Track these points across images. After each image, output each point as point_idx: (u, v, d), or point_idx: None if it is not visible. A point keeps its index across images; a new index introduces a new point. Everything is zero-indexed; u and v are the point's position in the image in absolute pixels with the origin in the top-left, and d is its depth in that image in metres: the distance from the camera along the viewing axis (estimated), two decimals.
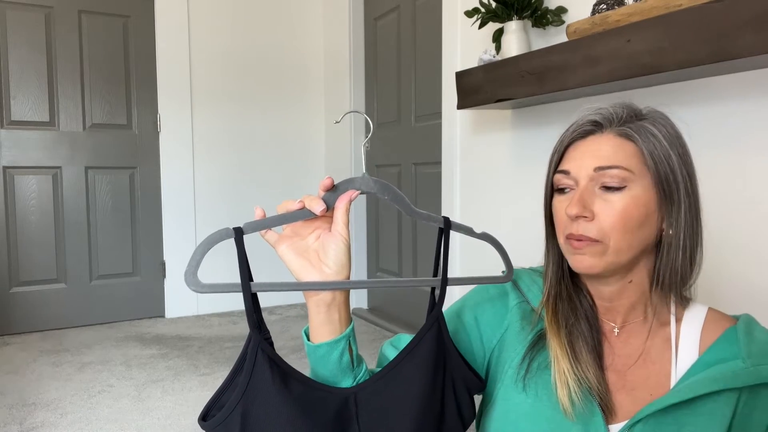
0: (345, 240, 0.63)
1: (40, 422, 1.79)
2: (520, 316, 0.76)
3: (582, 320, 0.72)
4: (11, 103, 2.72)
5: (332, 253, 0.63)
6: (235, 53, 3.16)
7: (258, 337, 0.59)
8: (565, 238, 0.70)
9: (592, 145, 0.69)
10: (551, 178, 0.72)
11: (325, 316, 0.65)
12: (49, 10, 2.77)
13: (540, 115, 1.84)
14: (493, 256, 0.77)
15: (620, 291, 0.72)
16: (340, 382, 0.66)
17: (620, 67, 1.30)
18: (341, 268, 0.63)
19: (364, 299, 3.18)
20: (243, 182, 3.21)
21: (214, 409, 0.61)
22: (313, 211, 0.62)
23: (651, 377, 0.70)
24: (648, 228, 0.68)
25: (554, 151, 0.73)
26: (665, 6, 1.22)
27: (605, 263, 0.67)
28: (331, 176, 0.64)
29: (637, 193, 0.66)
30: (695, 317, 0.71)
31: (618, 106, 0.71)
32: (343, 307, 0.66)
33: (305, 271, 0.63)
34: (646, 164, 0.67)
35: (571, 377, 0.67)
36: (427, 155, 2.56)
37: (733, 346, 0.66)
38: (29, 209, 2.79)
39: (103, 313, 2.95)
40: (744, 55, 1.07)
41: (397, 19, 2.79)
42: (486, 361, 0.77)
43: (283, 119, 3.31)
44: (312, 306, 0.65)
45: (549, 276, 0.75)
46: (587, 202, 0.67)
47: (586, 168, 0.68)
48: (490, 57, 1.75)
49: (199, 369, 2.26)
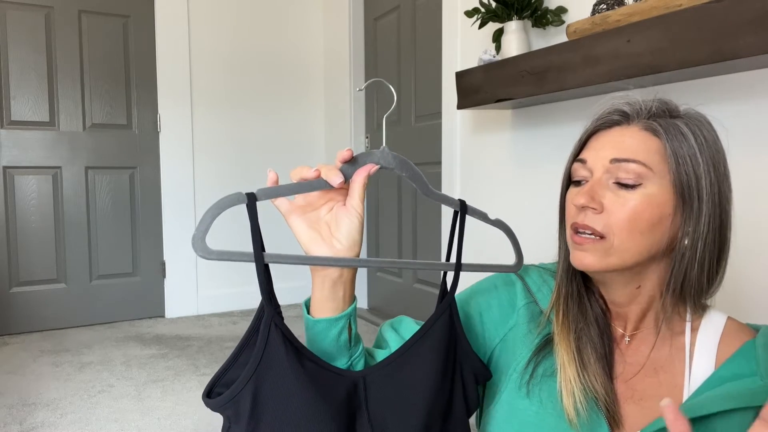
0: (359, 215, 0.60)
1: (40, 422, 1.79)
2: (527, 318, 0.73)
3: (592, 325, 0.68)
4: (11, 103, 2.72)
5: (345, 228, 0.60)
6: (235, 53, 3.16)
7: (271, 310, 0.56)
8: (570, 229, 0.66)
9: (616, 136, 0.65)
10: (569, 168, 0.69)
11: (329, 292, 0.61)
12: (49, 10, 2.77)
13: (540, 115, 1.84)
14: (498, 250, 0.76)
15: (629, 297, 0.68)
16: (335, 360, 0.63)
17: (620, 67, 1.30)
18: (353, 245, 0.60)
19: (364, 299, 3.18)
20: (243, 182, 3.21)
21: (219, 386, 0.57)
22: (330, 182, 0.59)
23: (662, 388, 0.66)
24: (659, 232, 0.63)
25: (579, 139, 0.69)
26: (665, 6, 1.22)
27: (606, 263, 0.64)
28: (351, 148, 0.61)
29: (652, 192, 0.62)
30: (713, 327, 0.67)
31: (654, 100, 0.66)
32: (348, 285, 0.63)
33: (315, 244, 0.60)
34: (667, 163, 0.62)
35: (578, 386, 0.64)
36: (427, 155, 2.56)
37: (750, 362, 0.62)
38: (29, 209, 2.79)
39: (103, 313, 2.95)
40: (744, 55, 1.07)
41: (397, 19, 2.79)
42: (487, 358, 0.75)
43: (283, 119, 3.31)
44: (317, 280, 0.62)
45: (561, 274, 0.71)
46: (597, 193, 0.63)
47: (603, 159, 0.64)
48: (490, 57, 1.75)
49: (199, 369, 2.26)
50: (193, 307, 3.11)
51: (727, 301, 0.73)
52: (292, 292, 3.21)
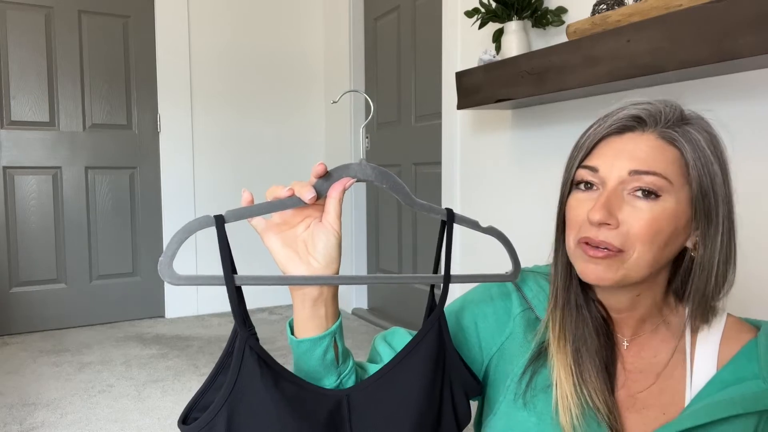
0: (336, 232, 0.59)
1: (40, 422, 1.79)
2: (524, 326, 0.70)
3: (591, 336, 0.65)
4: (11, 103, 2.72)
5: (321, 245, 0.59)
6: (235, 53, 3.16)
7: (245, 332, 0.55)
8: (577, 241, 0.62)
9: (630, 143, 0.60)
10: (573, 173, 0.64)
11: (310, 311, 0.60)
12: (49, 10, 2.77)
13: (540, 115, 1.84)
14: (496, 256, 0.74)
15: (629, 303, 0.66)
16: (323, 379, 0.62)
17: (620, 67, 1.30)
18: (330, 262, 0.59)
19: (364, 299, 3.18)
20: (243, 182, 3.21)
21: (195, 411, 0.56)
22: (302, 199, 0.57)
23: (664, 394, 0.64)
24: (674, 245, 0.61)
25: (581, 144, 0.64)
26: (665, 6, 1.22)
27: (619, 276, 0.60)
28: (323, 162, 0.59)
29: (670, 205, 0.59)
30: (713, 327, 0.65)
31: (666, 104, 0.62)
32: (330, 303, 0.61)
33: (291, 263, 0.58)
34: (687, 175, 0.59)
35: (574, 402, 0.62)
36: (427, 155, 2.56)
37: (753, 364, 0.61)
38: (29, 209, 2.79)
39: (103, 313, 2.95)
40: (744, 55, 1.07)
41: (397, 19, 2.79)
42: (484, 368, 0.73)
43: (283, 119, 3.31)
44: (297, 300, 0.60)
45: (557, 282, 0.67)
46: (613, 207, 0.59)
47: (620, 169, 0.59)
48: (490, 57, 1.75)
49: (199, 369, 2.26)
50: (193, 307, 3.11)
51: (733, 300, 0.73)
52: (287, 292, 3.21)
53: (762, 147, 1.23)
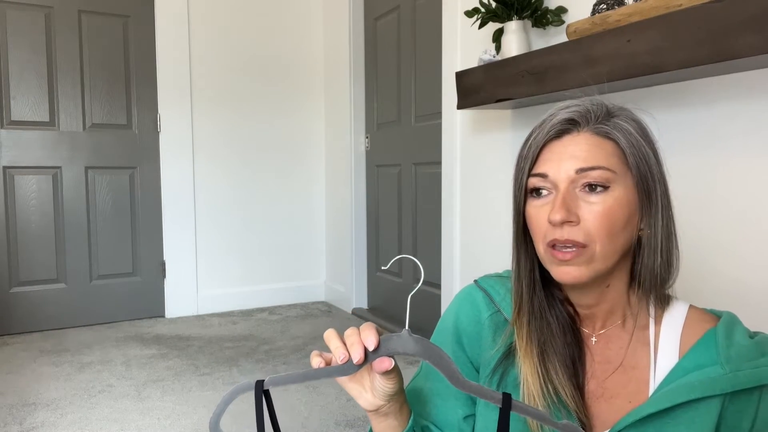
0: (387, 395, 0.64)
1: (40, 422, 1.79)
2: (493, 329, 0.73)
3: (558, 336, 0.68)
4: (11, 103, 2.72)
5: (379, 387, 0.64)
6: (234, 53, 3.16)
7: None
8: (546, 246, 0.65)
9: (569, 145, 0.65)
10: (525, 183, 0.67)
11: (384, 425, 0.67)
12: (49, 10, 2.77)
13: (540, 115, 1.83)
14: (496, 256, 0.75)
15: (598, 297, 0.68)
16: None
17: (620, 67, 1.30)
18: (388, 399, 0.64)
19: (364, 299, 3.19)
20: (243, 182, 3.21)
21: None
22: (348, 371, 0.60)
23: (630, 384, 0.67)
24: (630, 230, 0.65)
25: (525, 154, 0.67)
26: (665, 6, 1.22)
27: (592, 271, 0.64)
28: (376, 336, 0.60)
29: (619, 193, 0.63)
30: (675, 318, 0.68)
31: (592, 102, 0.67)
32: (399, 414, 0.67)
33: (360, 396, 0.65)
34: (627, 163, 0.64)
35: (541, 402, 0.65)
36: (427, 155, 2.56)
37: (711, 351, 0.64)
38: (29, 209, 2.79)
39: (103, 313, 2.95)
40: (744, 55, 1.07)
41: (397, 19, 2.79)
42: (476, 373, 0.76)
43: (283, 119, 3.31)
44: (372, 417, 0.67)
45: (521, 289, 0.69)
46: (571, 206, 0.63)
47: (567, 170, 0.63)
48: (490, 57, 1.75)
49: (199, 369, 2.26)
50: (193, 307, 3.11)
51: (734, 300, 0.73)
52: (287, 292, 3.22)
53: (762, 146, 1.23)
